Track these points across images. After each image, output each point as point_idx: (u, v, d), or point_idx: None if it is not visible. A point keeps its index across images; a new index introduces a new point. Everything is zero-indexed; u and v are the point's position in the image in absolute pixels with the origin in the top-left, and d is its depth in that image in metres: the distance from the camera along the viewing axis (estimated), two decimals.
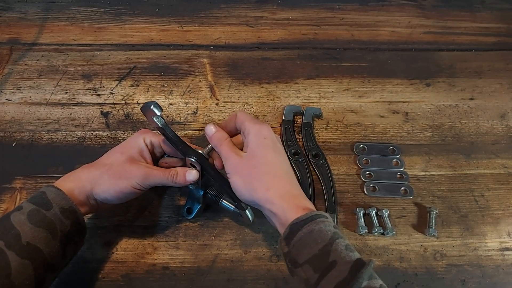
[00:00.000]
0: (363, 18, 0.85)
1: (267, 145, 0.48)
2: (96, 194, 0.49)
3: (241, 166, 0.48)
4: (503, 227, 0.60)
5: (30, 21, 0.80)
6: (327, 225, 0.42)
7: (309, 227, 0.41)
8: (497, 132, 0.69)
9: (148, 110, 0.49)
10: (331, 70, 0.76)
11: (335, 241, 0.41)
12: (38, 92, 0.70)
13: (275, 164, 0.48)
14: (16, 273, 0.40)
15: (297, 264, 0.41)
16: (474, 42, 0.82)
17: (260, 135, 0.49)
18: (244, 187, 0.47)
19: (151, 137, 0.53)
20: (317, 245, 0.40)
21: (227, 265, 0.55)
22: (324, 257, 0.40)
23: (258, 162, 0.47)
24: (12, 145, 0.64)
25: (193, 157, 0.50)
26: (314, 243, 0.41)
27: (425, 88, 0.74)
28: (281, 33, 0.81)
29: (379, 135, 0.68)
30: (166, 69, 0.74)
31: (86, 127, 0.66)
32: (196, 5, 0.84)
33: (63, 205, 0.45)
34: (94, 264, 0.54)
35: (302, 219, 0.42)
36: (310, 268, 0.40)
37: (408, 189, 0.62)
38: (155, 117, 0.49)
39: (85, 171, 0.50)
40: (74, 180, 0.48)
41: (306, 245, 0.41)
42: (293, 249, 0.42)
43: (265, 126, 0.50)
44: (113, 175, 0.49)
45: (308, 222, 0.42)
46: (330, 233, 0.41)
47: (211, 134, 0.51)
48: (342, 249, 0.40)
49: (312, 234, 0.41)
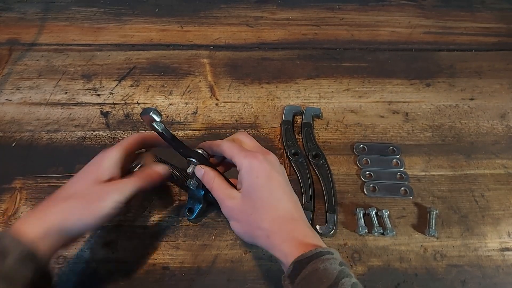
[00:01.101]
0: (363, 18, 0.85)
1: (260, 186, 0.45)
2: (68, 229, 0.44)
3: (237, 211, 0.46)
4: (503, 228, 0.59)
5: (29, 21, 0.80)
6: (332, 262, 0.40)
7: (314, 265, 0.40)
8: (497, 132, 0.69)
9: (147, 116, 0.48)
10: (331, 70, 0.76)
11: (340, 280, 0.39)
12: (38, 92, 0.70)
13: (271, 204, 0.45)
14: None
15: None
16: (474, 42, 0.82)
17: (252, 175, 0.45)
18: (244, 234, 0.46)
19: (118, 151, 0.49)
20: (322, 285, 0.39)
21: (227, 265, 0.55)
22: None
23: (254, 206, 0.45)
24: (12, 145, 0.64)
25: (194, 158, 0.50)
26: (319, 282, 0.39)
27: (425, 88, 0.74)
28: (281, 33, 0.81)
29: (379, 135, 0.68)
30: (166, 69, 0.74)
31: (86, 127, 0.66)
32: (196, 5, 0.84)
33: (21, 251, 0.40)
34: (94, 264, 0.54)
35: (307, 256, 0.41)
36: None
37: (408, 189, 0.62)
38: (155, 123, 0.49)
39: (49, 206, 0.45)
40: (38, 219, 0.43)
41: (310, 284, 0.39)
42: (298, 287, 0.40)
43: (256, 159, 0.46)
44: (86, 202, 0.45)
45: (313, 260, 0.40)
46: (335, 272, 0.40)
47: (201, 177, 0.49)
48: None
49: (316, 273, 0.39)
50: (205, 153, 0.51)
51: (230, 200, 0.46)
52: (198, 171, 0.49)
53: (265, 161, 0.46)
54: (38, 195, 0.59)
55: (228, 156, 0.48)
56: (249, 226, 0.45)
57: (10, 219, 0.57)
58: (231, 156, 0.48)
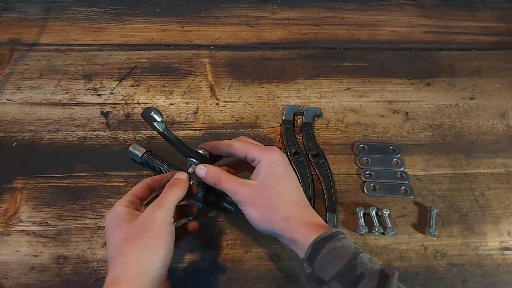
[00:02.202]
0: (363, 18, 0.85)
1: (280, 174, 0.47)
2: (156, 275, 0.42)
3: (255, 196, 0.47)
4: (504, 227, 0.60)
5: (30, 22, 0.80)
6: (348, 241, 0.43)
7: (332, 244, 0.42)
8: (497, 132, 0.69)
9: (148, 116, 0.49)
10: (331, 69, 0.76)
11: (358, 255, 0.41)
12: (39, 92, 0.70)
13: (289, 192, 0.47)
14: None
15: (324, 282, 0.41)
16: (474, 42, 0.82)
17: (272, 164, 0.47)
18: (261, 218, 0.46)
19: (128, 197, 0.47)
20: (342, 261, 0.41)
21: (227, 265, 0.55)
22: (351, 271, 0.40)
23: (273, 191, 0.46)
24: (13, 145, 0.64)
25: (194, 158, 0.51)
26: (339, 259, 0.41)
27: (425, 87, 0.74)
28: (282, 33, 0.81)
29: (379, 135, 0.68)
30: (166, 69, 0.74)
31: (87, 127, 0.66)
32: (197, 5, 0.84)
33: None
34: (94, 264, 0.54)
35: (324, 237, 0.42)
36: (338, 284, 0.40)
37: (408, 188, 0.62)
38: (156, 123, 0.49)
39: (124, 276, 0.40)
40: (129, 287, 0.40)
41: (330, 262, 0.41)
42: (318, 268, 0.41)
43: (275, 151, 0.49)
44: (146, 244, 0.42)
45: (330, 239, 0.42)
46: (352, 248, 0.42)
47: (205, 174, 0.49)
48: (367, 262, 0.41)
49: (335, 251, 0.41)
50: (205, 153, 0.52)
51: (245, 186, 0.47)
52: (201, 171, 0.49)
53: (282, 154, 0.49)
54: (38, 195, 0.59)
55: (241, 153, 0.49)
56: (267, 209, 0.46)
57: (11, 219, 0.57)
58: (245, 152, 0.49)
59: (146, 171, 0.62)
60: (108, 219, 0.45)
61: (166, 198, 0.46)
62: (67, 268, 0.54)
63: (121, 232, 0.43)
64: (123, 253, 0.41)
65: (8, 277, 0.53)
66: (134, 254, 0.41)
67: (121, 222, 0.44)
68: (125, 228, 0.43)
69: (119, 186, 0.60)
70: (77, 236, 0.56)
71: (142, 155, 0.60)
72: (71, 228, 0.57)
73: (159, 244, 0.42)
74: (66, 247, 0.55)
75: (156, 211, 0.44)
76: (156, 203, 0.45)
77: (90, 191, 0.60)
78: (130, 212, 0.45)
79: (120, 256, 0.41)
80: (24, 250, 0.55)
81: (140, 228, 0.43)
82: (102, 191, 0.60)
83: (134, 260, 0.41)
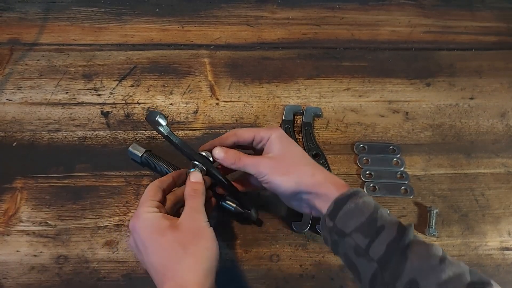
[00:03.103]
0: (363, 18, 0.85)
1: (292, 143, 0.52)
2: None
3: (277, 164, 0.49)
4: (504, 226, 0.60)
5: (30, 21, 0.80)
6: (368, 198, 0.45)
7: (354, 200, 0.44)
8: (497, 132, 0.69)
9: (153, 120, 0.50)
10: (331, 69, 0.76)
11: (378, 209, 0.44)
12: (39, 92, 0.70)
13: (305, 156, 0.51)
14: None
15: (345, 234, 0.43)
16: (474, 42, 0.82)
17: (282, 137, 0.51)
18: (288, 181, 0.48)
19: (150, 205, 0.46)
20: (364, 215, 0.43)
21: (227, 265, 0.55)
22: (372, 224, 0.43)
23: (292, 157, 0.50)
24: (13, 145, 0.64)
25: (198, 161, 0.51)
26: (361, 213, 0.43)
27: (425, 87, 0.74)
28: (281, 33, 0.81)
29: (379, 135, 0.68)
30: (166, 69, 0.74)
31: (87, 127, 0.66)
32: (196, 4, 0.84)
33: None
34: (94, 264, 0.54)
35: (346, 194, 0.45)
36: (360, 235, 0.42)
37: (409, 188, 0.62)
38: (161, 126, 0.50)
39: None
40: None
41: (352, 216, 0.43)
42: (339, 222, 0.44)
43: (280, 129, 0.53)
44: (194, 255, 0.42)
45: (352, 197, 0.44)
46: (373, 204, 0.45)
47: (224, 156, 0.50)
48: (386, 216, 0.44)
49: (357, 206, 0.44)
50: (209, 156, 0.52)
51: (266, 158, 0.50)
52: (219, 153, 0.51)
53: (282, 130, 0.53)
54: (38, 195, 0.59)
55: (248, 137, 0.52)
56: (294, 171, 0.48)
57: (11, 219, 0.57)
58: (253, 134, 0.52)
59: (146, 171, 0.62)
60: (141, 228, 0.44)
61: (198, 203, 0.47)
62: (67, 268, 0.54)
63: (170, 240, 0.42)
64: (184, 260, 0.41)
65: (8, 277, 0.53)
66: (197, 259, 0.42)
67: (163, 229, 0.43)
68: (173, 235, 0.42)
69: (119, 186, 0.60)
70: (77, 236, 0.56)
71: (141, 155, 0.60)
72: (71, 228, 0.57)
73: (212, 247, 0.43)
74: (66, 247, 0.55)
75: (197, 215, 0.45)
76: (191, 208, 0.46)
77: (90, 191, 0.60)
78: (165, 217, 0.45)
79: (181, 264, 0.41)
80: (24, 250, 0.55)
81: (191, 234, 0.43)
82: (102, 191, 0.60)
83: (197, 265, 0.41)
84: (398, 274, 0.39)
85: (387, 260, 0.40)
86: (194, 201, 0.47)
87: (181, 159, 0.61)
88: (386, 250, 0.41)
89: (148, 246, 0.43)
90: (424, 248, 0.40)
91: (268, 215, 0.58)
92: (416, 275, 0.38)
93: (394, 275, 0.40)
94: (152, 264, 0.43)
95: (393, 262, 0.40)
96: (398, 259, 0.40)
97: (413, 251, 0.40)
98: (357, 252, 0.43)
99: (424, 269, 0.39)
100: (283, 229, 0.58)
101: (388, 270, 0.40)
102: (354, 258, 0.43)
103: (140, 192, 0.60)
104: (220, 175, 0.52)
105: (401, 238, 0.41)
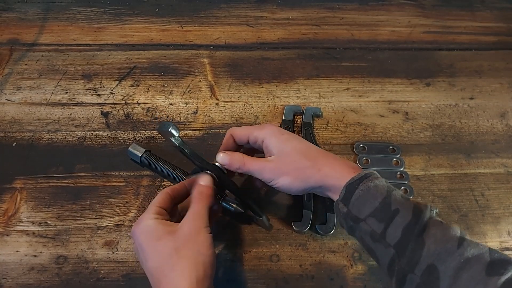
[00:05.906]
0: (363, 18, 0.85)
1: (289, 138, 0.50)
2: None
3: (282, 166, 0.48)
4: (503, 227, 0.60)
5: (30, 21, 0.80)
6: (380, 181, 0.45)
7: (365, 184, 0.44)
8: (497, 132, 0.69)
9: (165, 131, 0.49)
10: (331, 69, 0.76)
11: (391, 192, 0.44)
12: (38, 92, 0.70)
13: (307, 147, 0.50)
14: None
15: (359, 220, 0.43)
16: (474, 42, 0.82)
17: (277, 134, 0.50)
18: (295, 181, 0.48)
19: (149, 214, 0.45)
20: (377, 199, 0.43)
21: (227, 265, 0.55)
22: (386, 208, 0.42)
23: (294, 154, 0.49)
24: (12, 145, 0.64)
25: (211, 171, 0.50)
26: (373, 198, 0.43)
27: (425, 87, 0.74)
28: (281, 33, 0.81)
29: (379, 135, 0.68)
30: (166, 69, 0.74)
31: (86, 127, 0.66)
32: (196, 5, 0.84)
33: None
34: (94, 264, 0.54)
35: (357, 178, 0.44)
36: (374, 220, 0.42)
37: (408, 188, 0.62)
38: (173, 137, 0.50)
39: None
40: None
41: (365, 201, 0.43)
42: (353, 207, 0.44)
43: (271, 125, 0.52)
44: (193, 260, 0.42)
45: (363, 180, 0.44)
46: (385, 187, 0.44)
47: (228, 161, 0.50)
48: (400, 198, 0.43)
49: (369, 191, 0.43)
50: (222, 167, 0.51)
51: (269, 162, 0.49)
52: (223, 158, 0.50)
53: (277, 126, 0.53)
54: (38, 195, 0.59)
55: (243, 137, 0.52)
56: (299, 169, 0.48)
57: (11, 219, 0.57)
58: (247, 134, 0.52)
59: (145, 171, 0.62)
60: (140, 234, 0.43)
61: (201, 206, 0.46)
62: (66, 268, 0.54)
63: (166, 245, 0.42)
64: (177, 265, 0.41)
65: (8, 277, 0.53)
66: (190, 264, 0.41)
67: (160, 234, 0.43)
68: (169, 239, 0.42)
69: (118, 186, 0.60)
70: (77, 236, 0.56)
71: (141, 155, 0.60)
72: (71, 228, 0.57)
73: (208, 253, 0.43)
74: (65, 247, 0.55)
75: (197, 219, 0.44)
76: (193, 211, 0.45)
77: (90, 191, 0.60)
78: (165, 223, 0.44)
79: (173, 269, 0.41)
80: (24, 250, 0.55)
81: (186, 239, 0.42)
82: (102, 191, 0.60)
83: (190, 269, 0.41)
84: (416, 260, 0.39)
85: (404, 245, 0.40)
86: (198, 204, 0.46)
87: (181, 159, 0.61)
88: (402, 234, 0.41)
89: (146, 251, 0.43)
90: (441, 230, 0.40)
91: (268, 215, 0.58)
92: (434, 260, 0.38)
93: (412, 261, 0.40)
94: (148, 269, 0.43)
95: (410, 247, 0.40)
96: (414, 245, 0.40)
97: (430, 234, 0.40)
98: (373, 237, 0.43)
99: (442, 254, 0.38)
100: (283, 229, 0.58)
101: (405, 256, 0.40)
102: (371, 243, 0.43)
103: (140, 192, 0.60)
104: (233, 185, 0.51)
105: (417, 221, 0.40)
